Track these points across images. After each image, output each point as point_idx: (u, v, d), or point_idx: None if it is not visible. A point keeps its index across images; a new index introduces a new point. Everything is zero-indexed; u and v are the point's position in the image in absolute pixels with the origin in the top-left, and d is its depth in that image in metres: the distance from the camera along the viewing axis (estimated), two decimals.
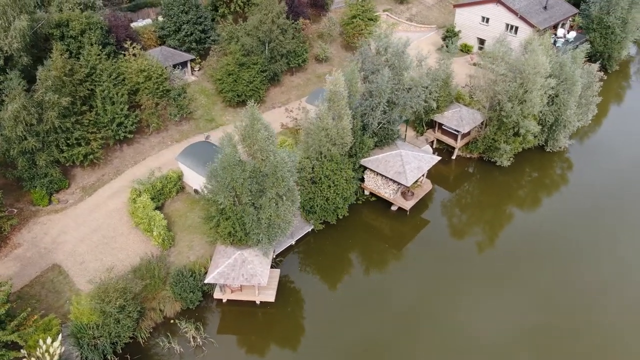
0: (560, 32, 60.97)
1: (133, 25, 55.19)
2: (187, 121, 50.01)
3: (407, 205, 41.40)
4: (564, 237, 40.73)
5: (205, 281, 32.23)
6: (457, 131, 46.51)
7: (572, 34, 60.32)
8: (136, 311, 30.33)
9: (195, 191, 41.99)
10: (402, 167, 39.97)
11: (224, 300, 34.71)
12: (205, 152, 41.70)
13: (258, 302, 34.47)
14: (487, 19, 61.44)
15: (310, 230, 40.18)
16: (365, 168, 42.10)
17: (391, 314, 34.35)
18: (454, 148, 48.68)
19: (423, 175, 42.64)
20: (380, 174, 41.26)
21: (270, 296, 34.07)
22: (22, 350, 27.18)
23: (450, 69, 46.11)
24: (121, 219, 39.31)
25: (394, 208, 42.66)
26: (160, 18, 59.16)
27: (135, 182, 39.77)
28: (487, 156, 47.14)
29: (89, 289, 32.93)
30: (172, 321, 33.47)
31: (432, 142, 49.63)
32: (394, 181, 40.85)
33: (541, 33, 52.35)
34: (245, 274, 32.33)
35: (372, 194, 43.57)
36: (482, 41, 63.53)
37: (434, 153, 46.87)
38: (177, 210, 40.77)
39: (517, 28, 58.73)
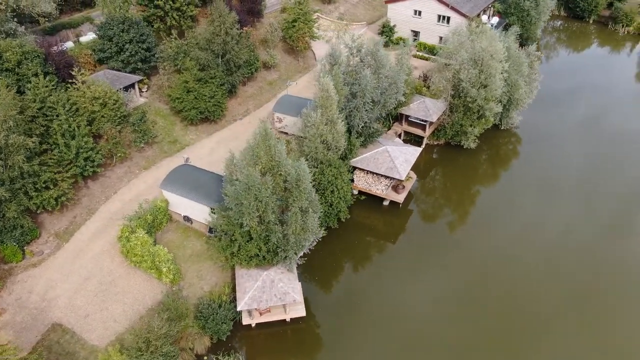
0: (484, 18, 65.86)
1: (53, 49, 50.16)
2: (150, 146, 46.96)
3: (400, 198, 42.59)
4: (536, 206, 44.62)
5: (238, 308, 30.77)
6: (425, 121, 48.63)
7: (495, 20, 65.47)
8: (178, 355, 28.25)
9: (186, 218, 39.76)
10: (392, 163, 41.03)
11: (252, 325, 33.38)
12: (189, 175, 39.71)
13: (288, 320, 33.61)
14: (419, 12, 64.59)
15: None
16: (354, 168, 42.58)
17: (421, 310, 35.35)
18: (421, 137, 50.79)
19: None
20: (371, 172, 42.00)
21: (300, 311, 33.40)
22: None
23: (410, 63, 47.97)
24: (113, 260, 36.12)
25: (385, 203, 43.65)
26: (82, 39, 54.89)
27: (125, 218, 36.75)
28: (455, 140, 49.87)
29: (107, 343, 30.18)
30: (205, 358, 31.59)
31: (400, 134, 51.34)
32: (386, 177, 41.81)
33: (477, 22, 56.17)
34: (277, 293, 31.40)
35: (361, 193, 44.15)
36: (416, 33, 66.65)
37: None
38: (172, 242, 38.28)
39: (448, 18, 62.42)
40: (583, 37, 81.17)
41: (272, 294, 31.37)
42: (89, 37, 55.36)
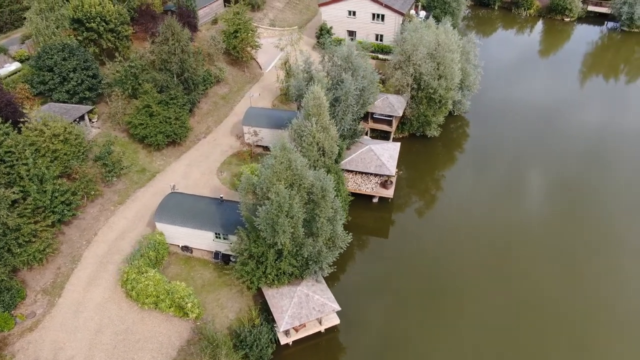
0: (413, 13, 69.35)
1: None
2: (118, 179, 43.77)
3: (390, 193, 43.83)
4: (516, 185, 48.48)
5: (281, 329, 30.05)
6: (391, 116, 50.41)
7: (423, 13, 69.23)
8: None
9: (184, 248, 37.79)
10: (379, 160, 42.15)
11: (290, 344, 32.72)
12: (182, 203, 37.92)
13: (323, 331, 33.38)
14: (354, 12, 66.34)
15: None
16: (343, 171, 43.05)
17: (445, 305, 36.81)
18: (387, 133, 52.48)
19: None
20: (360, 172, 42.79)
21: (334, 319, 33.35)
22: None
23: (369, 62, 49.35)
24: (120, 307, 33.42)
25: (375, 200, 44.69)
26: (2, 72, 49.84)
27: (128, 259, 34.10)
28: (420, 131, 52.28)
29: None
30: None
31: (367, 132, 52.62)
32: (375, 175, 42.83)
33: (412, 18, 59.12)
34: (315, 306, 31.12)
35: (350, 194, 44.67)
36: (351, 33, 68.37)
37: None
38: (179, 275, 36.21)
39: (383, 16, 64.88)
40: (491, 22, 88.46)
41: (310, 307, 31.04)
42: (6, 69, 50.22)
